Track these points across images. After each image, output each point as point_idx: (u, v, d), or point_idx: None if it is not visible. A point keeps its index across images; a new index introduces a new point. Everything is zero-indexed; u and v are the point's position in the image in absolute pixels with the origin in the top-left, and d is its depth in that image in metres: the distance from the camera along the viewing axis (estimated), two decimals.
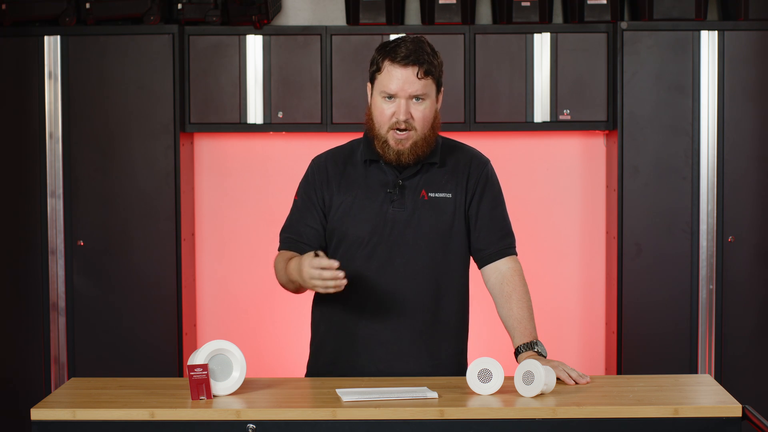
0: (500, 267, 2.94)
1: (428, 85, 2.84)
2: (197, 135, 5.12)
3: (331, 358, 2.95)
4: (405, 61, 2.80)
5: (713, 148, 4.82)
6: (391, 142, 2.85)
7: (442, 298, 2.91)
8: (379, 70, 2.85)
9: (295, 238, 2.95)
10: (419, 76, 2.81)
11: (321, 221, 2.94)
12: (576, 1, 4.92)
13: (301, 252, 2.91)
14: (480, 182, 2.95)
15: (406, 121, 2.83)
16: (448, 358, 2.94)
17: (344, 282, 2.69)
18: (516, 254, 2.97)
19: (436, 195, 2.91)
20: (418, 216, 2.89)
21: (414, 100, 2.83)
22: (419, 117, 2.84)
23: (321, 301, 2.99)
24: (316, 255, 2.69)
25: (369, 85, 2.91)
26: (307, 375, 3.01)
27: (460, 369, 2.94)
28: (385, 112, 2.84)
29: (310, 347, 3.05)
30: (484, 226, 2.93)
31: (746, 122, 4.82)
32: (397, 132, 2.84)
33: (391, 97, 2.84)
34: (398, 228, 2.88)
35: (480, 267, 2.97)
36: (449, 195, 2.91)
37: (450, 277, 2.92)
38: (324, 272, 2.67)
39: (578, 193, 5.15)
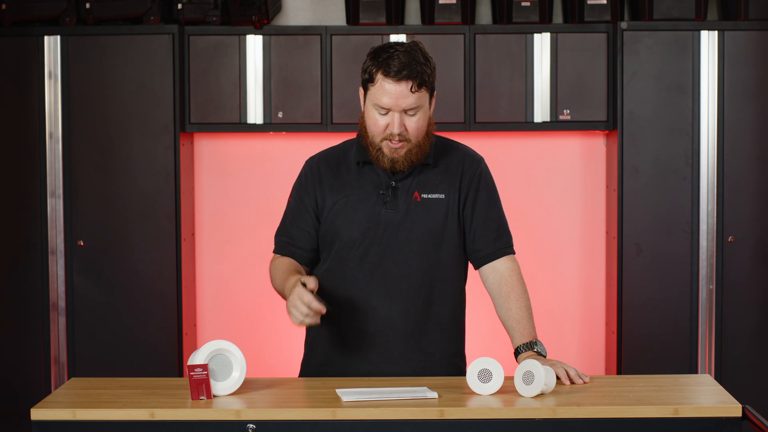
0: (498, 267, 2.92)
1: (422, 96, 2.81)
2: (197, 135, 5.12)
3: (323, 358, 2.95)
4: (398, 77, 2.76)
5: (713, 148, 4.81)
6: (386, 150, 2.84)
7: (434, 300, 2.90)
8: (371, 80, 2.82)
9: (287, 241, 2.97)
10: (413, 90, 2.78)
11: (313, 223, 2.94)
12: (576, 1, 4.92)
13: (294, 256, 2.94)
14: (474, 181, 2.92)
15: (400, 134, 2.81)
16: (442, 359, 2.92)
17: (317, 323, 2.72)
18: (513, 253, 2.96)
19: (429, 196, 2.89)
20: (411, 217, 2.87)
21: (408, 112, 2.82)
22: (413, 128, 2.82)
23: None
24: (304, 285, 2.71)
25: (361, 90, 2.88)
26: (300, 375, 3.01)
27: (456, 370, 2.92)
28: (378, 123, 2.82)
29: (304, 347, 3.05)
30: (479, 227, 2.92)
31: (746, 122, 4.82)
32: (392, 142, 2.82)
33: (384, 109, 2.82)
34: (391, 230, 2.87)
35: (476, 267, 2.96)
36: (442, 196, 2.89)
37: (443, 278, 2.91)
38: (305, 308, 2.69)
39: (578, 193, 5.15)
